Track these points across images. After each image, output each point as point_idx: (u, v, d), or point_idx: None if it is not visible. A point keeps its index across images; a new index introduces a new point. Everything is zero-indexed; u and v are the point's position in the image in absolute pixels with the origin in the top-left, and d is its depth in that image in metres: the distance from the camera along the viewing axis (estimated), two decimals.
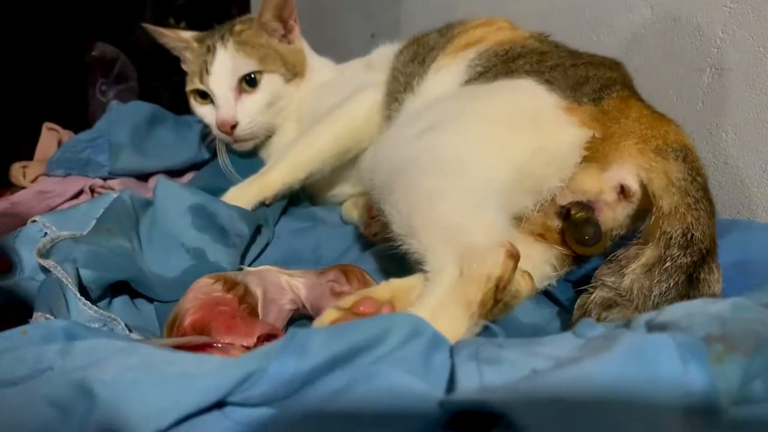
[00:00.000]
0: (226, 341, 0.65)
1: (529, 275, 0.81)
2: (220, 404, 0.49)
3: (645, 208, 0.79)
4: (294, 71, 1.25)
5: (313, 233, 1.11)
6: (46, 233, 0.82)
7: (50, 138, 1.47)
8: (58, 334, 0.58)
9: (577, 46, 0.99)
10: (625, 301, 0.71)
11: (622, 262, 0.73)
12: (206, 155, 1.39)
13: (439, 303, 0.67)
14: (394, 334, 0.54)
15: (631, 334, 0.49)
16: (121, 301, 0.81)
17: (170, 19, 1.62)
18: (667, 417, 0.41)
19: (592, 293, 0.73)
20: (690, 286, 0.69)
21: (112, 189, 1.27)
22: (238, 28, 1.24)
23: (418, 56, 1.07)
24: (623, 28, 1.19)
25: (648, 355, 0.42)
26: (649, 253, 0.72)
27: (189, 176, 1.36)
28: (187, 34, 1.30)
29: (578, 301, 0.75)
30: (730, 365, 0.41)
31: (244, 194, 1.07)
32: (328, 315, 0.69)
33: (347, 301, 0.71)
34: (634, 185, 0.78)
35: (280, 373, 0.48)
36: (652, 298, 0.69)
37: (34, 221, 0.84)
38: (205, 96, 1.22)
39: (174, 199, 0.95)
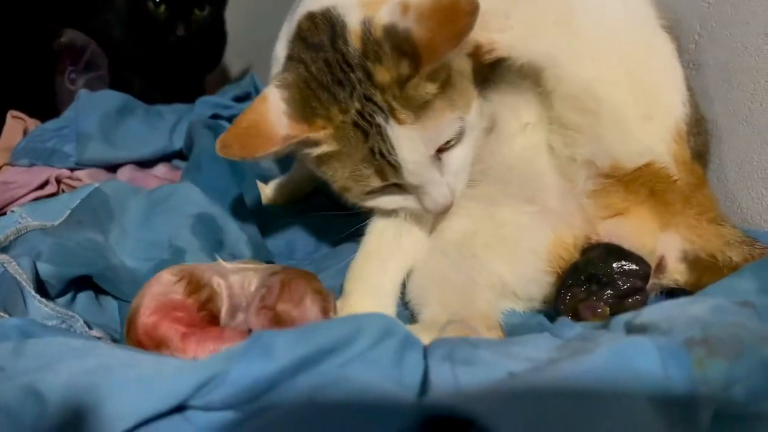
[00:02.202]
0: (177, 355, 0.62)
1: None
2: (181, 408, 0.47)
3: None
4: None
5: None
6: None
7: (15, 127, 1.42)
8: (12, 332, 0.56)
9: None
10: None
11: None
12: (177, 146, 1.35)
13: None
14: (364, 335, 0.52)
15: (611, 336, 0.48)
16: (85, 297, 0.78)
17: (149, 3, 1.56)
18: (647, 422, 0.40)
19: None
20: None
21: (80, 180, 1.23)
22: (385, 77, 0.70)
23: None
24: None
25: (628, 359, 0.41)
26: None
27: (160, 167, 1.32)
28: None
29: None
30: (712, 370, 0.40)
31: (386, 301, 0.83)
32: None
33: None
34: (672, 260, 0.80)
35: (243, 377, 0.46)
36: None
37: (13, 212, 0.81)
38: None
39: (190, 202, 0.93)
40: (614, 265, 0.74)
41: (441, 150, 0.74)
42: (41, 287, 0.71)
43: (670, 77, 0.82)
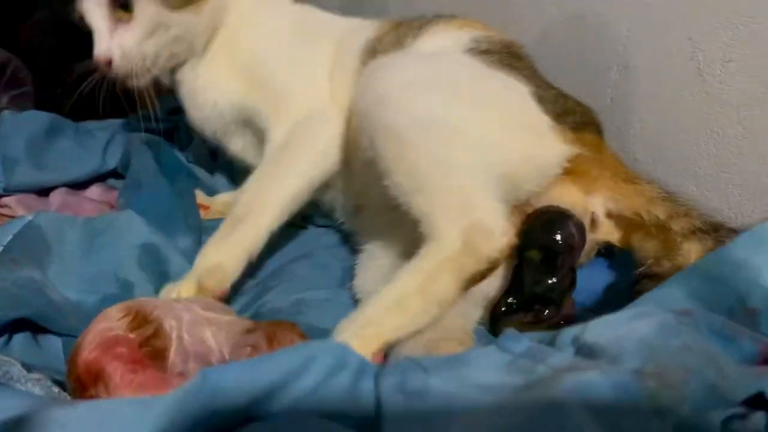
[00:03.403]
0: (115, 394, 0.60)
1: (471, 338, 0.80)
2: None
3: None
4: None
5: None
6: None
7: None
8: None
9: None
10: None
11: (664, 271, 0.80)
12: (112, 164, 1.31)
13: (437, 268, 0.73)
14: (316, 366, 0.52)
15: (561, 356, 0.49)
16: (22, 338, 0.74)
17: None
18: None
19: None
20: None
21: (8, 207, 1.18)
22: None
23: (414, 23, 1.03)
24: (532, 26, 1.20)
25: (586, 398, 0.42)
26: (694, 248, 0.79)
27: (94, 189, 1.28)
28: None
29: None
30: (664, 401, 0.42)
31: (229, 253, 0.90)
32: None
33: None
34: (602, 217, 0.87)
35: (185, 421, 0.45)
36: None
37: None
38: None
39: (132, 232, 0.91)
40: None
41: (120, 21, 0.99)
42: None
43: (508, 94, 0.89)
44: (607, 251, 0.93)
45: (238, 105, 1.07)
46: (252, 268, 1.00)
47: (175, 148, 1.36)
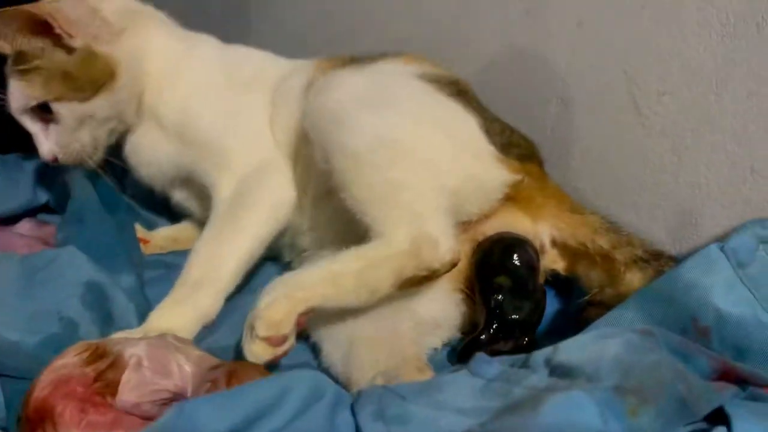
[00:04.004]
0: None
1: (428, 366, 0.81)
2: None
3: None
4: (92, 86, 1.00)
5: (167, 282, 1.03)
6: None
7: None
8: None
9: None
10: None
11: (607, 299, 0.84)
12: (43, 199, 1.26)
13: (380, 260, 0.76)
14: (292, 397, 0.51)
15: (536, 378, 0.50)
16: None
17: None
18: None
19: None
20: None
21: None
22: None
23: (360, 60, 1.04)
24: (473, 60, 1.24)
25: (574, 418, 0.43)
26: (636, 277, 0.83)
27: (24, 224, 1.22)
28: None
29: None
30: (644, 417, 0.44)
31: (183, 319, 0.89)
32: None
33: None
34: (548, 246, 0.91)
35: None
36: None
37: None
38: None
39: (75, 269, 0.87)
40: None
41: (50, 121, 1.02)
42: None
43: (456, 119, 0.92)
44: (553, 280, 0.96)
45: (177, 164, 1.06)
46: None
47: (112, 180, 1.31)
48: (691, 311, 0.65)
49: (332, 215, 0.92)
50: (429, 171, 0.84)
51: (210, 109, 1.04)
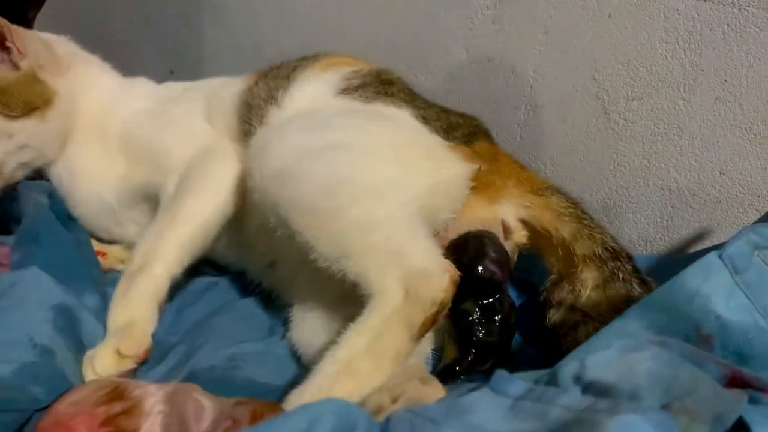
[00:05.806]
0: None
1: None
2: None
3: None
4: (24, 107, 0.99)
5: None
6: None
7: None
8: None
9: None
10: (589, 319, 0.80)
11: (563, 297, 0.82)
12: None
13: (384, 323, 0.70)
14: (321, 428, 0.48)
15: (569, 397, 0.49)
16: None
17: None
18: None
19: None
20: (644, 286, 0.80)
21: None
22: None
23: (281, 71, 1.01)
24: (440, 68, 1.24)
25: None
26: (591, 275, 0.81)
27: None
28: None
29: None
30: None
31: (136, 306, 0.86)
32: None
33: None
34: (513, 222, 0.86)
35: None
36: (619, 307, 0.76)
37: None
38: None
39: (41, 292, 0.81)
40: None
41: None
42: None
43: (396, 128, 0.89)
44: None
45: (126, 185, 1.04)
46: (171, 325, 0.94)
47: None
48: (694, 319, 0.65)
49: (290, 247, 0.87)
50: (389, 198, 0.79)
51: (151, 122, 1.05)
